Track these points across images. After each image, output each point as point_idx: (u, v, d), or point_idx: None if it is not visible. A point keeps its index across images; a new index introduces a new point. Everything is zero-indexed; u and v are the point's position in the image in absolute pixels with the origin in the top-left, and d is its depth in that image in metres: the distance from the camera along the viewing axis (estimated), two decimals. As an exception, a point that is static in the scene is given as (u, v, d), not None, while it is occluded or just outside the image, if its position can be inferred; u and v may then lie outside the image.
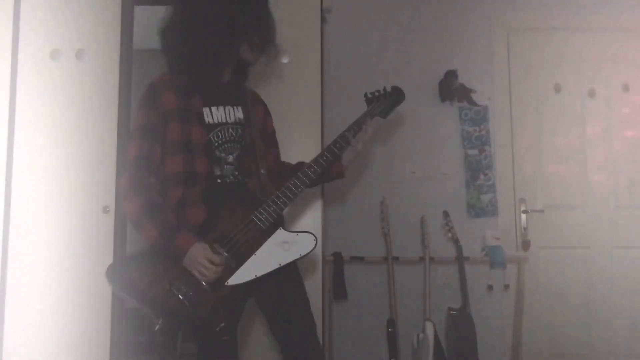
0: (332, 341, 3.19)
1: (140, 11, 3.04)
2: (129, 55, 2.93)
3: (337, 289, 3.11)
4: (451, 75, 3.50)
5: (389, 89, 2.18)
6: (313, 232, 1.88)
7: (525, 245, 3.41)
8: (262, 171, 1.95)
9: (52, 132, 2.80)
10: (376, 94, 2.16)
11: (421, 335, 2.96)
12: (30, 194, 2.77)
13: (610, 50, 3.59)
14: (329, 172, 2.07)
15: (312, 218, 2.85)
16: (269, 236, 1.85)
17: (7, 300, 2.72)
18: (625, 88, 3.57)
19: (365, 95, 2.16)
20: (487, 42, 3.60)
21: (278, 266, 1.83)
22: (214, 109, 1.94)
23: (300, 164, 2.14)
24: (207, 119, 1.92)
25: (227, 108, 1.97)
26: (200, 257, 1.76)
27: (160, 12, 2.01)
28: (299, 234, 1.87)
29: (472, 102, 3.53)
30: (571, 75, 3.58)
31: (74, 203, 2.77)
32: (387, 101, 2.16)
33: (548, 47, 3.61)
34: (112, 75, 2.84)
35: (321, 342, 2.73)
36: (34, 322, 2.71)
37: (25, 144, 2.80)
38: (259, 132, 2.03)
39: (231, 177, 1.92)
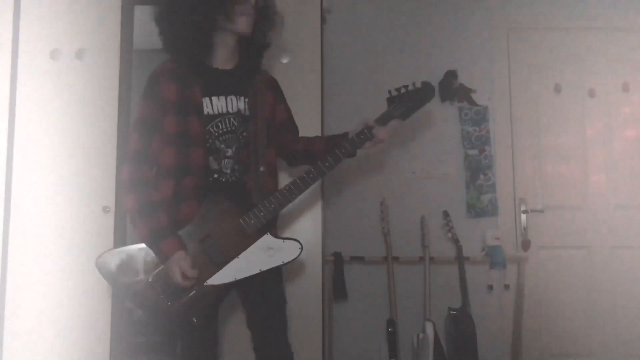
0: (332, 341, 3.19)
1: (140, 11, 3.04)
2: (129, 55, 2.93)
3: (337, 289, 3.11)
4: (451, 75, 3.50)
5: (418, 85, 2.00)
6: (299, 240, 1.88)
7: (525, 245, 3.41)
8: (261, 168, 1.92)
9: (52, 132, 2.80)
10: (402, 90, 1.99)
11: (421, 335, 2.96)
12: (30, 194, 2.77)
13: (610, 50, 3.59)
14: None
15: (312, 218, 2.85)
16: (255, 240, 1.86)
17: (7, 301, 2.72)
18: (625, 88, 3.57)
19: (389, 92, 2.00)
20: (487, 42, 3.59)
21: (258, 271, 1.85)
22: (214, 99, 1.92)
23: (316, 138, 2.14)
24: (207, 109, 1.91)
25: (229, 98, 1.94)
26: (175, 269, 1.79)
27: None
28: (285, 240, 1.88)
29: (472, 102, 3.53)
30: (571, 75, 3.58)
31: (74, 203, 2.77)
32: (412, 100, 1.98)
33: (548, 47, 3.61)
34: (112, 75, 2.84)
35: (321, 342, 2.74)
36: (34, 322, 2.71)
37: (25, 143, 2.80)
38: (266, 124, 1.98)
39: (229, 174, 1.92)
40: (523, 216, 3.44)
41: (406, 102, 1.99)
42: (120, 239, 2.80)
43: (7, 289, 2.72)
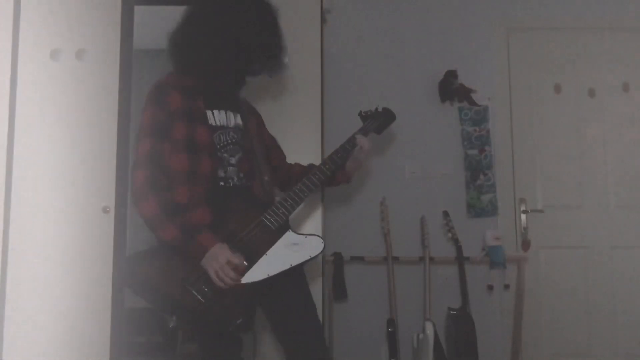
0: (332, 341, 3.19)
1: (140, 11, 3.04)
2: (129, 55, 2.93)
3: (337, 289, 3.11)
4: (451, 75, 3.50)
5: (380, 109, 2.26)
6: (319, 235, 1.93)
7: (525, 245, 3.41)
8: (265, 177, 2.00)
9: (52, 132, 2.80)
10: (369, 112, 2.24)
11: (421, 335, 2.96)
12: (30, 194, 2.77)
13: (610, 50, 3.59)
14: (335, 178, 2.14)
15: (312, 218, 2.85)
16: (278, 238, 1.88)
17: (7, 301, 2.72)
18: (625, 88, 3.57)
19: (360, 113, 2.25)
20: (487, 42, 3.60)
21: (289, 266, 1.86)
22: (216, 112, 1.97)
23: (311, 166, 2.18)
24: (210, 121, 1.94)
25: (227, 113, 2.01)
26: (222, 258, 1.77)
27: (160, 12, 2.02)
28: (307, 236, 1.92)
29: (472, 102, 3.53)
30: (571, 75, 3.58)
31: (74, 203, 2.76)
32: (380, 119, 2.23)
33: (548, 47, 3.61)
34: (112, 75, 2.84)
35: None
36: (34, 322, 2.71)
37: (25, 144, 2.80)
38: (257, 140, 2.07)
39: (235, 180, 1.94)
40: (523, 216, 3.44)
41: (377, 120, 2.23)
42: (120, 239, 2.79)
43: (7, 289, 2.72)
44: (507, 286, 3.33)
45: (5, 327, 2.71)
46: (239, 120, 2.03)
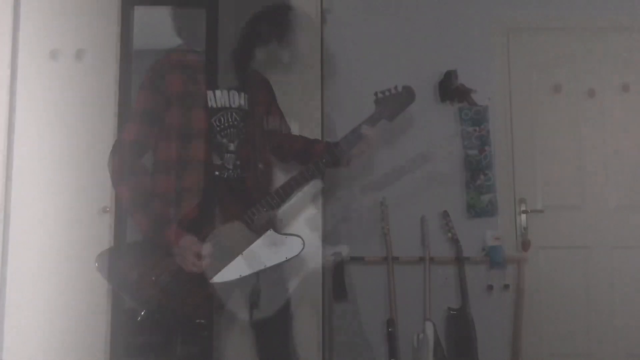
0: (332, 341, 3.19)
1: (140, 11, 3.04)
2: (129, 55, 2.92)
3: (337, 289, 3.11)
4: (451, 75, 3.50)
5: (400, 89, 2.11)
6: (301, 236, 1.88)
7: (525, 245, 3.40)
8: (260, 165, 1.95)
9: (52, 132, 2.80)
10: (387, 93, 2.09)
11: (421, 335, 2.97)
12: (29, 194, 2.77)
13: (610, 50, 3.59)
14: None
15: (312, 218, 2.84)
16: (258, 236, 1.86)
17: (7, 301, 2.72)
18: (625, 88, 3.57)
19: (376, 94, 2.10)
20: (487, 42, 3.59)
21: (263, 267, 1.84)
22: (217, 92, 1.92)
23: (315, 141, 2.15)
24: (211, 102, 1.90)
25: (231, 92, 1.95)
26: (188, 253, 1.77)
27: (160, 12, 2.01)
28: (287, 236, 1.89)
29: (472, 102, 3.52)
30: (571, 75, 3.58)
31: (74, 203, 2.77)
32: (397, 102, 2.09)
33: (548, 47, 3.60)
34: (112, 75, 2.83)
35: (321, 342, 2.74)
36: (34, 322, 2.71)
37: (24, 144, 2.80)
38: (261, 121, 2.01)
39: (231, 170, 1.91)
40: (523, 216, 3.44)
41: (392, 104, 2.08)
42: (120, 240, 2.79)
43: (7, 289, 2.72)
44: (507, 286, 3.33)
45: (5, 327, 2.71)
46: (243, 101, 1.97)
